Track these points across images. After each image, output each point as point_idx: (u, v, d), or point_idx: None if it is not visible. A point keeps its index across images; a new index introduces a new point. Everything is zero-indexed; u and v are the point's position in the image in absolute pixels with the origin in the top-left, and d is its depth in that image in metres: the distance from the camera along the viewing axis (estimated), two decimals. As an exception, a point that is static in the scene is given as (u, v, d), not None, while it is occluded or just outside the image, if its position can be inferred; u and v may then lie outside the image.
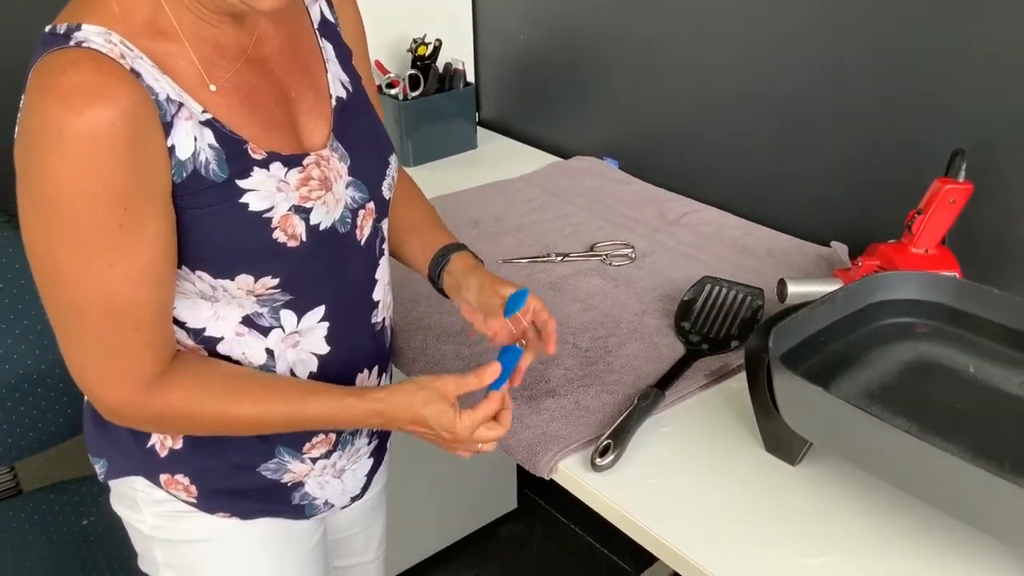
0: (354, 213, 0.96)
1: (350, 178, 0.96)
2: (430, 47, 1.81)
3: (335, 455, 1.06)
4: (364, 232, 0.98)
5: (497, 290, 1.03)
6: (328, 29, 1.00)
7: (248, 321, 0.93)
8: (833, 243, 1.42)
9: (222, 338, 0.93)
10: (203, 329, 0.92)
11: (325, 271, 0.94)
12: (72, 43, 0.78)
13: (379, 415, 0.94)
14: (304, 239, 0.90)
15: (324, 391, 0.94)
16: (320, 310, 0.96)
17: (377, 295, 1.04)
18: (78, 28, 0.79)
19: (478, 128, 1.97)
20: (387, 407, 0.93)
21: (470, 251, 1.11)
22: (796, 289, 1.21)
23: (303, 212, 0.90)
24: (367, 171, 0.98)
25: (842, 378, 1.00)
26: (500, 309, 1.01)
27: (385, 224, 1.04)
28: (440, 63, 1.85)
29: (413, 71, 1.81)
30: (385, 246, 1.04)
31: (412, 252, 1.14)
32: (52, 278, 0.81)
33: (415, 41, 1.81)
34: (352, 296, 1.00)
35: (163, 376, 0.87)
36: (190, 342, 0.93)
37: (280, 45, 0.94)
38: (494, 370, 0.95)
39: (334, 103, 0.97)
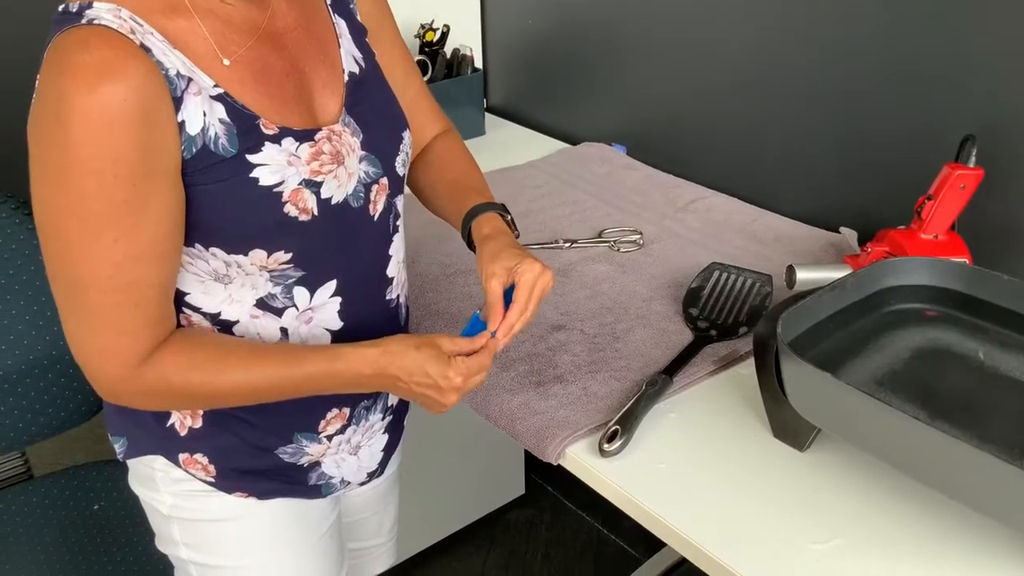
0: (367, 188, 0.97)
1: (363, 152, 0.96)
2: (438, 33, 1.80)
3: (350, 430, 1.06)
4: (377, 207, 0.99)
5: (484, 273, 0.99)
6: (341, 6, 1.01)
7: (262, 304, 0.94)
8: (842, 229, 1.42)
9: (237, 321, 0.94)
10: (218, 313, 0.93)
11: (337, 245, 0.95)
12: (84, 21, 0.79)
13: (371, 364, 0.92)
14: (316, 213, 0.91)
15: (316, 348, 0.94)
16: (332, 285, 0.96)
17: (391, 271, 1.04)
18: (89, 6, 0.80)
19: (486, 114, 1.97)
20: (381, 352, 0.92)
21: (494, 210, 1.06)
22: (805, 275, 1.21)
23: (314, 186, 0.90)
24: (380, 146, 0.98)
25: (851, 364, 1.00)
26: (492, 296, 0.97)
27: (400, 200, 1.04)
28: (448, 49, 1.84)
29: (421, 57, 1.80)
30: (400, 222, 1.05)
31: (449, 218, 1.11)
32: (57, 252, 0.83)
33: (423, 27, 1.81)
34: (365, 271, 1.00)
35: (156, 350, 0.87)
36: (207, 324, 0.94)
37: (294, 21, 0.95)
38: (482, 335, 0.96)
39: (346, 78, 0.97)
